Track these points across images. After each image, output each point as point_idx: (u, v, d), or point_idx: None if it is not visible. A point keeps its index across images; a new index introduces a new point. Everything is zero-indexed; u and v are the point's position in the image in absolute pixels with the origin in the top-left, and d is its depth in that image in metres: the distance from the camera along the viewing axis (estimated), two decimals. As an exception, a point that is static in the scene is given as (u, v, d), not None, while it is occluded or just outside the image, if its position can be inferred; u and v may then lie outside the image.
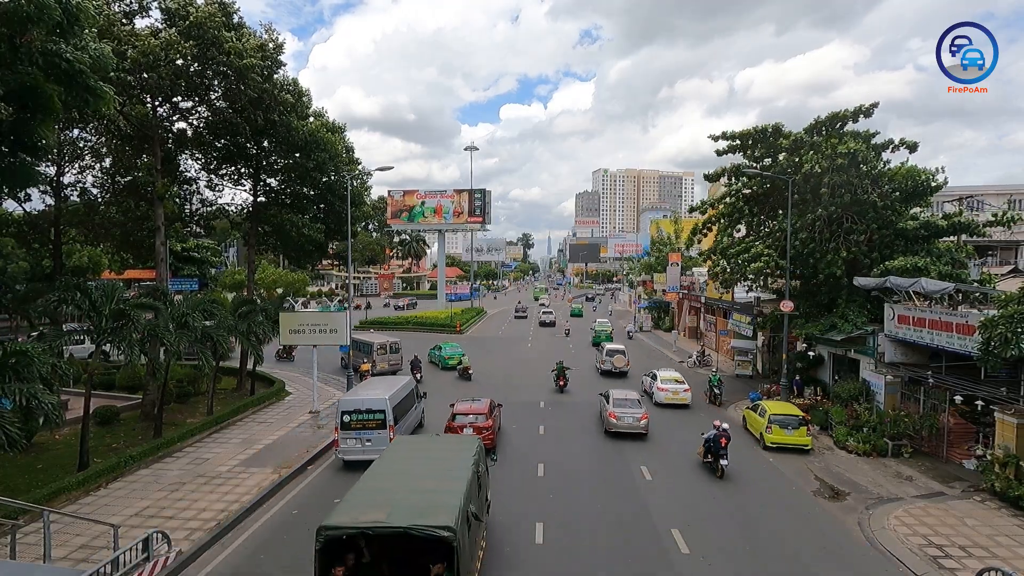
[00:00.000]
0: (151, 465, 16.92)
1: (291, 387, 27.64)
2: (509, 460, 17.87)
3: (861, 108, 24.34)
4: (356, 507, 8.84)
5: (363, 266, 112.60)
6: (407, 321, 55.81)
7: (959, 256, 22.97)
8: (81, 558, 11.38)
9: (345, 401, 17.64)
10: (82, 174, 25.04)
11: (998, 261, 38.31)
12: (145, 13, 20.72)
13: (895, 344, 20.35)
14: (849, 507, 14.97)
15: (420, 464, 10.98)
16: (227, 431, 20.63)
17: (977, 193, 44.95)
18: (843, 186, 23.10)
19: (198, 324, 19.46)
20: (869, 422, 19.65)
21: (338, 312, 25.95)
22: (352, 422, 17.04)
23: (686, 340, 47.82)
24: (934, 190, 23.77)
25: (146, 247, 26.18)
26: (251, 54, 21.09)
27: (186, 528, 12.87)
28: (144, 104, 22.28)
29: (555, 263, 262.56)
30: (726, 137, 27.60)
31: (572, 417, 23.42)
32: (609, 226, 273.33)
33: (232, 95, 22.25)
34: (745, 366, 32.77)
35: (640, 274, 71.86)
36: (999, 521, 13.88)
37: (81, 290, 16.56)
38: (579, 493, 15.47)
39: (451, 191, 67.70)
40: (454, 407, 19.39)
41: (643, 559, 12.00)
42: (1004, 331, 13.84)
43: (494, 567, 11.51)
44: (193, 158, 26.75)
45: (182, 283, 53.38)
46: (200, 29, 20.34)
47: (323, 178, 28.19)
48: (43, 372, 12.48)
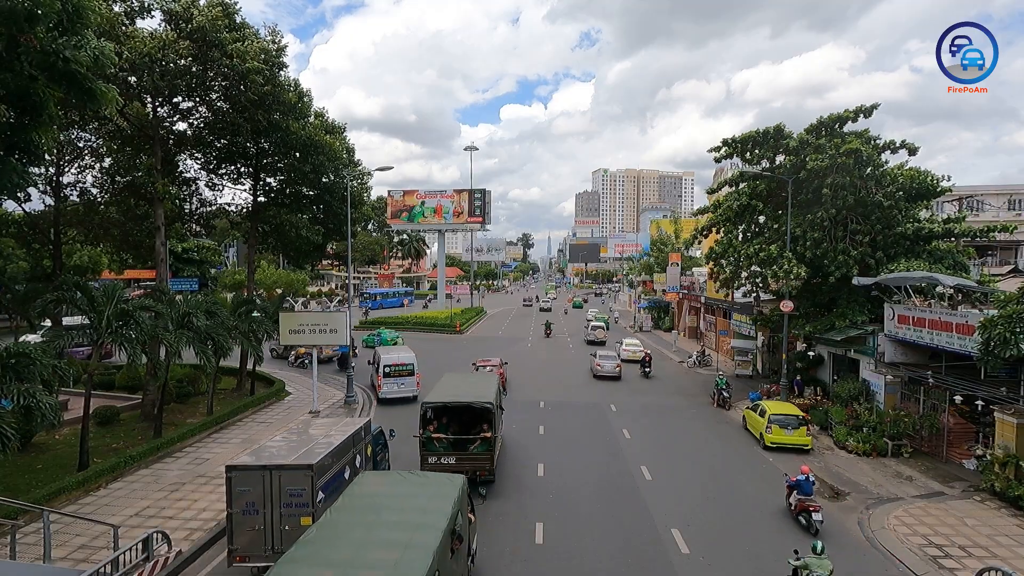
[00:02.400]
0: (151, 465, 16.92)
1: (291, 387, 27.64)
2: (510, 460, 17.89)
3: (862, 108, 24.35)
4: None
5: (363, 266, 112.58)
6: (406, 321, 55.80)
7: (960, 259, 22.99)
8: (81, 558, 11.39)
9: (386, 359, 25.55)
10: (82, 174, 25.03)
11: (998, 261, 38.30)
12: (147, 14, 20.67)
13: (895, 344, 20.35)
14: (849, 507, 14.98)
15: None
16: (227, 431, 20.64)
17: (977, 193, 44.96)
18: (846, 187, 23.12)
19: (201, 324, 19.46)
20: (869, 422, 19.66)
21: (338, 312, 25.93)
22: (391, 372, 24.98)
23: (686, 340, 47.80)
24: (939, 193, 23.83)
25: (146, 247, 26.16)
26: (254, 58, 21.02)
27: (186, 528, 12.88)
28: (144, 104, 22.26)
29: (555, 263, 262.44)
30: (727, 144, 27.52)
31: (572, 418, 23.45)
32: (609, 226, 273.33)
33: (233, 97, 22.23)
34: (745, 366, 32.78)
35: (640, 274, 71.81)
36: (999, 521, 13.89)
37: (82, 289, 16.57)
38: (579, 494, 15.49)
39: (451, 191, 67.66)
40: (476, 361, 29.44)
41: (643, 559, 12.01)
42: (1003, 331, 13.83)
43: (494, 566, 11.52)
44: (193, 158, 26.72)
45: (182, 283, 53.45)
46: (202, 32, 20.30)
47: (323, 178, 28.18)
48: (44, 373, 12.49)
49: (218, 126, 23.89)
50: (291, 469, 10.96)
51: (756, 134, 26.87)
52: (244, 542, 10.87)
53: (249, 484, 10.89)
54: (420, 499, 9.39)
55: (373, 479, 10.94)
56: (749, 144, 27.13)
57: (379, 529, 8.33)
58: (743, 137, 27.21)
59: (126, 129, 22.68)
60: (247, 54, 20.84)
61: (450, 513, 8.90)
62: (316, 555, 7.61)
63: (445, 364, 31.06)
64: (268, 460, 11.27)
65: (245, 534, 10.88)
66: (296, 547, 7.81)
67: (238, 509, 10.90)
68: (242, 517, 10.89)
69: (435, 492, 9.69)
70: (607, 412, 24.35)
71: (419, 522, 8.46)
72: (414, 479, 10.50)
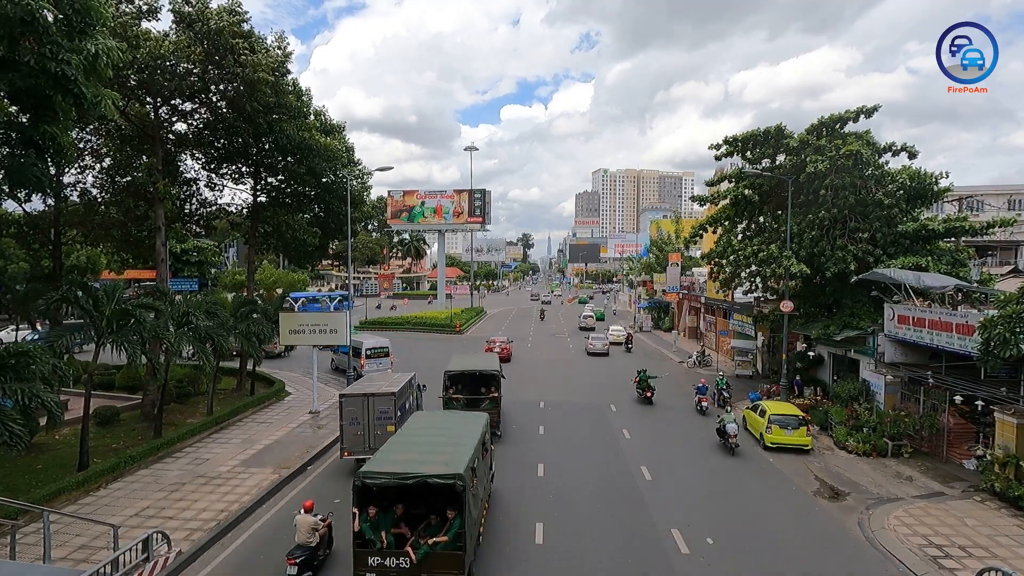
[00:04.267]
0: (151, 465, 16.92)
1: (291, 387, 27.64)
2: (510, 461, 17.89)
3: (863, 109, 24.35)
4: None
5: (363, 266, 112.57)
6: (406, 321, 55.78)
7: (960, 257, 22.98)
8: (81, 558, 11.38)
9: (367, 344, 30.40)
10: (82, 174, 25.00)
11: (998, 261, 38.30)
12: (155, 16, 20.60)
13: (895, 344, 20.33)
14: (849, 507, 14.97)
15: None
16: (227, 431, 20.63)
17: (977, 193, 44.95)
18: (847, 187, 23.10)
19: (201, 324, 19.45)
20: (869, 422, 19.64)
21: (338, 312, 25.93)
22: (372, 354, 29.84)
23: (686, 340, 47.78)
24: (939, 193, 23.83)
25: (146, 247, 26.15)
26: (265, 69, 20.97)
27: (186, 528, 12.87)
28: (145, 105, 22.24)
29: (555, 263, 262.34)
30: (728, 143, 27.52)
31: (572, 418, 23.46)
32: (609, 226, 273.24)
33: (237, 103, 22.18)
34: (745, 366, 32.76)
35: (640, 274, 71.76)
36: (999, 521, 13.88)
37: (84, 289, 16.56)
38: (579, 494, 15.48)
39: (451, 191, 67.65)
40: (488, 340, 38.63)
41: (643, 559, 12.00)
42: (1003, 331, 13.82)
43: (494, 566, 11.52)
44: (193, 158, 26.71)
45: (182, 283, 53.45)
46: (217, 36, 20.26)
47: (322, 179, 28.15)
48: (44, 372, 12.48)
49: (218, 126, 23.87)
50: (381, 396, 17.06)
51: (757, 133, 26.86)
52: (350, 443, 16.87)
53: (354, 406, 16.93)
54: (460, 426, 13.63)
55: (426, 414, 17.00)
56: (750, 143, 27.12)
57: (437, 439, 12.52)
58: (744, 136, 27.20)
59: (126, 129, 22.67)
60: (260, 65, 20.81)
61: (479, 434, 12.90)
62: (399, 450, 11.72)
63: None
64: (364, 391, 17.30)
65: (351, 438, 16.87)
66: (386, 446, 12.21)
67: (346, 422, 16.84)
68: (348, 427, 16.89)
69: (469, 421, 14.02)
70: (607, 412, 24.35)
71: (461, 436, 12.58)
72: (454, 414, 16.11)
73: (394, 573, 10.05)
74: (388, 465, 10.71)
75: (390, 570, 10.05)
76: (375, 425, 16.75)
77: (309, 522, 11.11)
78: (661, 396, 27.66)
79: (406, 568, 10.02)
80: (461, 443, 11.93)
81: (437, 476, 10.27)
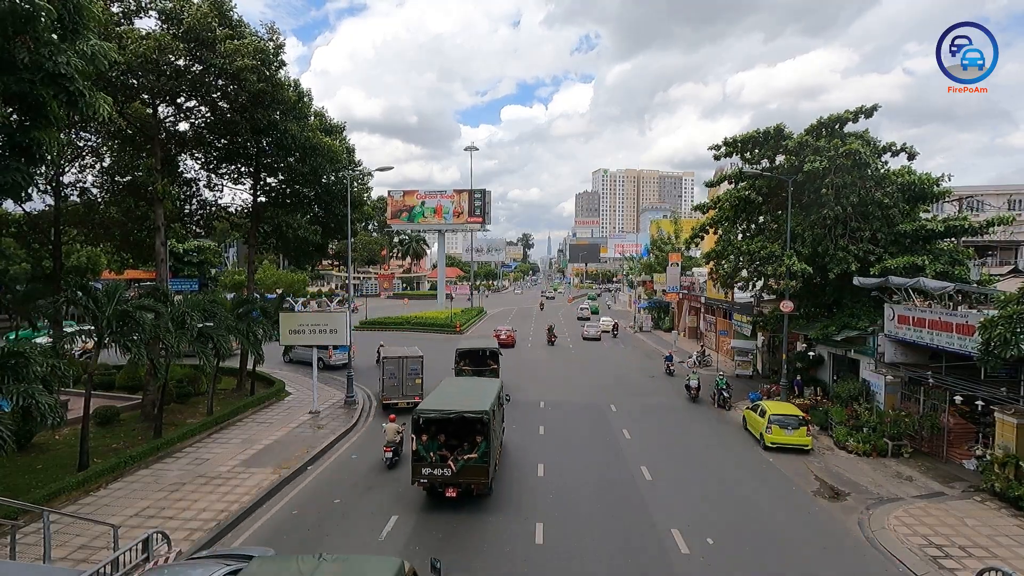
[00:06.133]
0: (151, 465, 16.91)
1: (291, 387, 27.62)
2: (510, 460, 17.89)
3: (862, 109, 24.33)
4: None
5: (363, 266, 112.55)
6: (406, 321, 55.76)
7: (959, 256, 22.98)
8: (81, 558, 11.38)
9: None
10: (82, 174, 24.99)
11: (998, 261, 38.29)
12: (144, 14, 20.58)
13: (895, 344, 20.33)
14: (849, 507, 14.97)
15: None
16: (227, 431, 20.62)
17: (977, 193, 44.96)
18: (847, 187, 23.09)
19: (200, 324, 19.43)
20: (869, 422, 19.64)
21: (338, 312, 25.96)
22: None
23: (686, 340, 47.78)
24: (939, 194, 23.83)
25: (146, 247, 26.13)
26: (245, 56, 20.84)
27: (186, 528, 12.87)
28: (144, 105, 22.22)
29: (555, 263, 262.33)
30: (727, 144, 27.50)
31: (572, 418, 23.45)
32: (609, 226, 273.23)
33: (230, 96, 22.16)
34: (745, 366, 32.76)
35: (640, 274, 71.76)
36: (999, 521, 13.88)
37: (85, 290, 16.55)
38: (579, 494, 15.48)
39: (451, 191, 67.60)
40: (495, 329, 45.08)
41: (643, 559, 12.00)
42: (1003, 331, 13.82)
43: (495, 566, 11.51)
44: (193, 158, 26.69)
45: (182, 283, 53.48)
46: (193, 32, 20.20)
47: (323, 179, 28.14)
48: (43, 372, 12.46)
49: (218, 125, 23.84)
50: (413, 357, 23.96)
51: (756, 134, 26.84)
52: (388, 391, 23.59)
53: (392, 365, 23.71)
54: (482, 385, 18.12)
55: (455, 379, 21.49)
56: (749, 144, 27.09)
57: (467, 392, 16.82)
58: (743, 137, 27.17)
59: (126, 129, 22.65)
60: (238, 52, 20.63)
61: (497, 390, 17.03)
62: (441, 398, 16.02)
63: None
64: (399, 354, 24.32)
65: (389, 388, 23.61)
66: (430, 396, 16.59)
67: (386, 376, 23.68)
68: (387, 380, 23.62)
69: (488, 383, 18.43)
70: (607, 412, 24.35)
71: (484, 391, 16.57)
72: (474, 378, 22.34)
73: (439, 479, 13.98)
74: (435, 404, 15.15)
75: (436, 477, 13.98)
76: (407, 378, 23.47)
77: (394, 427, 17.58)
78: (661, 397, 27.69)
79: (448, 475, 13.90)
80: (484, 394, 16.05)
81: (470, 411, 14.48)
